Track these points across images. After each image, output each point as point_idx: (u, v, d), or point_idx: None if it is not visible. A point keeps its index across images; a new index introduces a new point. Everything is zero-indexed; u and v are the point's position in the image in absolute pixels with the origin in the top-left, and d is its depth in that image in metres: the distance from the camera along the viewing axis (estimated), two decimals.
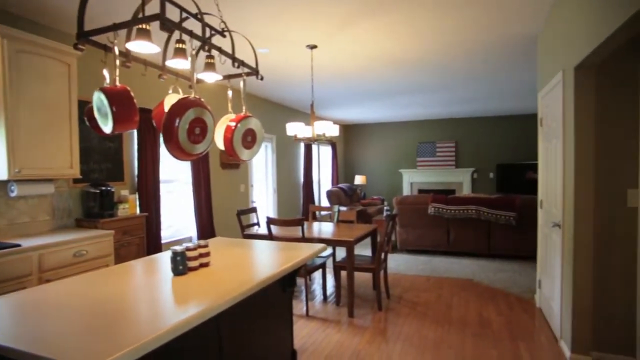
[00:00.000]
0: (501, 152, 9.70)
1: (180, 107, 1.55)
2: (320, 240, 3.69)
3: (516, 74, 5.35)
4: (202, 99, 1.72)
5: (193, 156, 1.65)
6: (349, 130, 11.19)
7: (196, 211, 5.15)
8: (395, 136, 10.68)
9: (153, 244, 4.38)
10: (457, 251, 5.86)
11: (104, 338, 1.20)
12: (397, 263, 5.56)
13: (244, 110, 2.10)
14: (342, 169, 11.18)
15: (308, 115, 8.90)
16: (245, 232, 4.21)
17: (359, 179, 10.29)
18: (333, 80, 5.62)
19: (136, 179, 4.30)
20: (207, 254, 2.05)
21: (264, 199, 7.22)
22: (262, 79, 2.22)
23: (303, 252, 2.43)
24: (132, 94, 1.53)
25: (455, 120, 10.06)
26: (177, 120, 1.53)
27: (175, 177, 5.15)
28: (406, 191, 10.55)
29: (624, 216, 2.59)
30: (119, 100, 1.49)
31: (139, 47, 1.64)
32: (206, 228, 5.27)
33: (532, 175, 8.69)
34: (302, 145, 8.49)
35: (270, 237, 3.76)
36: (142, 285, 1.75)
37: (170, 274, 1.92)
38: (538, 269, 3.82)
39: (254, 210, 4.75)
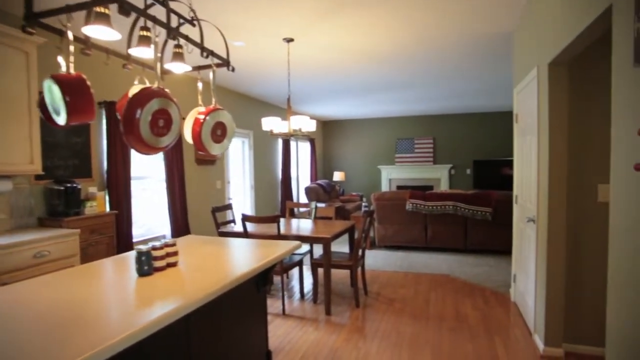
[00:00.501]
0: (478, 148, 9.84)
1: (141, 97, 1.45)
2: (297, 237, 3.62)
3: (492, 71, 5.40)
4: (167, 90, 1.62)
5: (157, 150, 1.56)
6: (328, 126, 11.14)
7: (170, 209, 4.99)
8: (374, 132, 10.70)
9: (124, 243, 4.21)
10: (435, 247, 5.90)
11: (57, 346, 1.10)
12: (375, 259, 5.55)
13: (213, 103, 2.00)
14: (321, 166, 11.13)
15: (286, 111, 8.81)
16: (220, 229, 4.10)
17: (337, 176, 10.27)
18: (310, 75, 5.54)
19: (105, 175, 4.12)
20: (175, 253, 1.95)
21: (241, 196, 7.09)
22: (233, 70, 2.13)
23: (277, 250, 2.35)
24: (89, 82, 1.42)
25: (433, 117, 10.15)
26: (139, 111, 1.43)
27: (148, 173, 4.97)
28: (385, 187, 10.59)
29: (595, 211, 2.62)
30: (73, 89, 1.37)
31: (97, 32, 1.52)
32: (181, 226, 5.12)
33: (508, 172, 8.86)
34: (280, 141, 8.39)
35: (245, 234, 3.67)
36: (103, 288, 1.64)
37: (135, 274, 1.82)
38: (513, 263, 3.87)
39: (229, 207, 4.64)
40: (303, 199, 9.57)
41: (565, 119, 2.60)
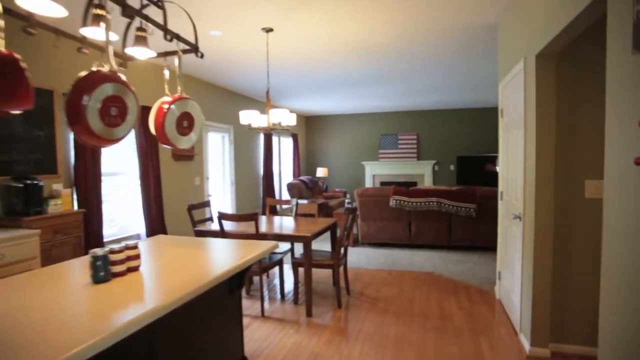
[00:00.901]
0: (461, 144, 9.84)
1: (89, 82, 1.27)
2: (276, 236, 3.47)
3: (476, 66, 5.32)
4: (122, 75, 1.44)
5: (109, 142, 1.38)
6: (311, 121, 10.97)
7: (144, 207, 4.77)
8: (358, 128, 10.58)
9: (94, 243, 3.98)
10: (419, 244, 5.83)
11: None
12: (359, 257, 5.44)
13: (179, 91, 1.82)
14: (304, 161, 10.96)
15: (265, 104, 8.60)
16: (197, 228, 3.91)
17: (320, 172, 10.13)
18: (291, 68, 5.37)
19: (73, 171, 3.88)
20: (137, 257, 1.78)
21: (222, 193, 6.88)
22: (202, 56, 1.96)
23: (252, 251, 2.20)
24: (23, 64, 1.22)
25: (417, 113, 10.09)
26: (86, 98, 1.25)
27: (122, 169, 4.73)
28: (368, 183, 10.50)
29: (582, 207, 2.55)
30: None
31: (37, 6, 1.33)
32: (156, 225, 4.90)
33: (491, 168, 8.87)
34: (261, 136, 8.19)
35: (222, 233, 3.49)
36: (48, 299, 1.45)
37: (91, 280, 1.64)
38: (498, 261, 3.80)
39: (206, 204, 4.44)
40: (286, 196, 9.40)
41: (553, 113, 2.51)
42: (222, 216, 3.44)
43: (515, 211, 3.01)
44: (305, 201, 7.70)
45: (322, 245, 5.93)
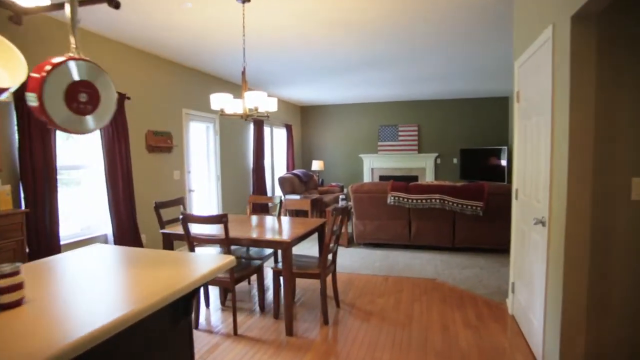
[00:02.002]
0: (465, 136, 9.28)
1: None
2: (250, 241, 2.94)
3: (484, 47, 4.75)
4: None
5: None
6: (306, 111, 10.40)
7: (111, 204, 4.24)
8: (355, 119, 10.02)
9: (45, 247, 3.47)
10: (419, 245, 5.30)
11: None
12: (352, 259, 4.92)
13: (73, 48, 1.27)
14: (299, 154, 10.42)
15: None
16: (163, 230, 3.38)
17: (316, 165, 9.58)
18: (274, 49, 4.80)
19: (18, 165, 3.34)
20: (19, 287, 1.25)
21: (206, 188, 6.35)
22: (117, 6, 1.41)
23: (199, 269, 1.67)
24: None
25: (418, 103, 9.52)
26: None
27: (83, 162, 4.20)
28: (367, 177, 9.96)
29: (627, 213, 2.01)
30: None
31: None
32: (126, 224, 4.38)
33: (496, 161, 8.32)
34: (251, 127, 7.63)
35: (187, 237, 2.97)
36: None
37: None
38: (511, 269, 3.26)
39: (179, 201, 3.92)
40: (278, 191, 8.88)
41: (592, 94, 1.96)
42: (186, 218, 2.91)
43: (537, 214, 2.48)
44: (297, 196, 7.18)
45: (311, 247, 5.41)
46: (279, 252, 4.53)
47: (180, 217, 2.92)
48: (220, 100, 3.19)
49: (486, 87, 7.66)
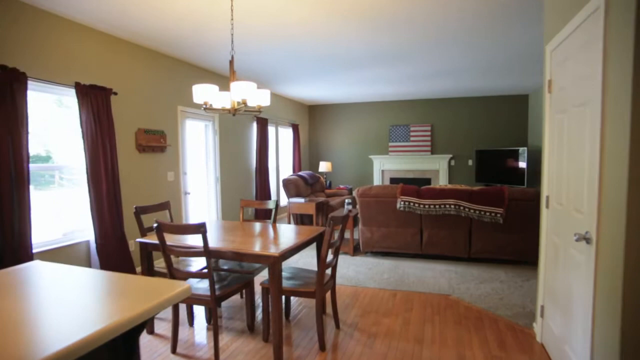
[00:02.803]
0: (481, 136, 8.76)
1: None
2: (234, 254, 2.54)
3: (508, 34, 4.26)
4: None
5: None
6: (314, 111, 10.00)
7: (93, 208, 3.88)
8: (365, 118, 9.58)
9: (11, 256, 3.12)
10: (431, 254, 4.84)
11: None
12: (358, 270, 4.48)
13: None
14: (307, 155, 10.01)
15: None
16: (140, 239, 3.00)
17: (323, 166, 9.17)
18: (274, 39, 4.40)
19: None
20: None
21: (204, 190, 5.99)
22: None
23: (150, 299, 1.27)
24: None
25: (431, 101, 9.03)
26: None
27: (62, 162, 3.86)
28: (377, 179, 9.50)
29: None
30: None
31: None
32: (110, 230, 4.02)
33: (515, 164, 7.78)
34: (254, 126, 7.26)
35: (162, 248, 2.58)
36: None
37: None
38: (540, 290, 2.79)
39: (163, 206, 3.54)
40: (283, 194, 8.49)
41: None
42: (161, 227, 2.52)
43: (578, 228, 2.01)
44: (301, 200, 6.77)
45: (314, 255, 4.98)
46: None
47: (154, 225, 2.53)
48: (204, 93, 2.79)
49: (504, 83, 7.15)
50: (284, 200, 8.53)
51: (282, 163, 8.70)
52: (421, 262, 4.74)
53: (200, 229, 2.40)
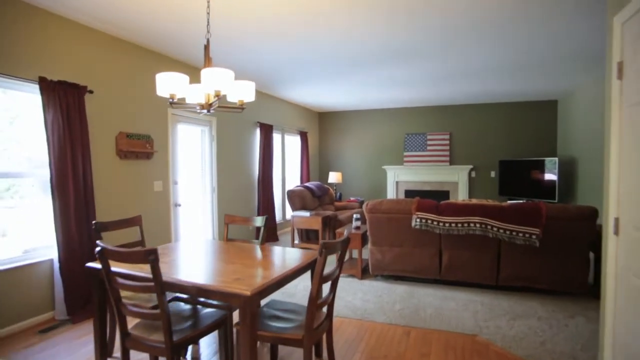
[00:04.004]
0: (505, 146, 8.04)
1: None
2: (197, 290, 1.95)
3: (551, 24, 3.62)
4: None
5: None
6: (325, 118, 9.44)
7: (57, 223, 3.35)
8: (379, 126, 8.97)
9: None
10: (452, 280, 4.15)
11: None
12: (365, 298, 3.83)
13: None
14: (316, 164, 9.43)
15: (259, 95, 7.15)
16: (90, 263, 2.44)
17: (333, 177, 8.57)
18: (269, 31, 3.85)
19: None
20: None
21: (199, 202, 5.45)
22: None
23: None
24: None
25: (449, 108, 8.37)
26: None
27: (22, 169, 3.36)
28: (391, 192, 8.84)
29: None
30: None
31: None
32: (77, 248, 3.47)
33: (543, 175, 7.03)
34: (257, 131, 6.72)
35: (106, 277, 2.01)
36: None
37: None
38: (606, 341, 2.10)
39: (132, 222, 2.99)
40: (288, 207, 7.90)
41: None
42: (104, 252, 1.95)
43: None
44: (306, 213, 6.16)
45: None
46: None
47: (97, 250, 1.96)
48: (170, 83, 2.24)
49: (532, 87, 6.45)
50: (290, 214, 7.94)
51: (288, 173, 8.13)
52: (440, 290, 4.06)
53: (149, 256, 1.82)
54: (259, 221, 3.01)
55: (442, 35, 3.86)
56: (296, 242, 6.50)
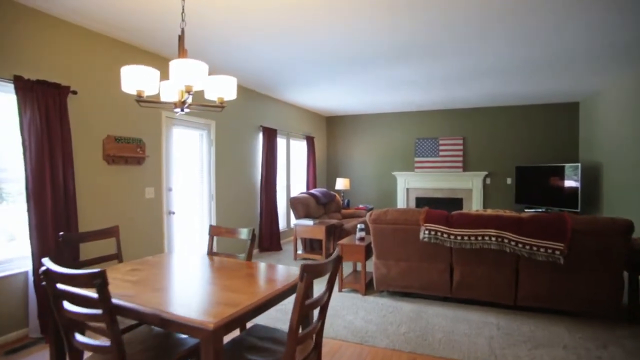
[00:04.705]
0: (522, 151, 7.60)
1: None
2: (159, 321, 1.64)
3: (581, 17, 3.25)
4: None
5: None
6: (332, 122, 9.14)
7: (33, 233, 3.10)
8: (388, 131, 8.62)
9: None
10: (465, 299, 3.77)
11: None
12: (368, 317, 3.48)
13: None
14: (324, 170, 9.12)
15: (255, 95, 6.88)
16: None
17: (340, 183, 8.24)
18: (280, 35, 3.57)
19: None
20: None
21: (197, 210, 5.18)
22: None
23: None
24: None
25: (463, 111, 7.98)
26: None
27: None
28: (401, 199, 8.46)
29: None
30: None
31: None
32: (55, 260, 3.22)
33: (563, 183, 6.57)
34: (260, 136, 6.45)
35: (53, 299, 1.72)
36: None
37: None
38: None
39: (107, 233, 2.72)
40: (292, 214, 7.58)
41: None
42: (49, 275, 1.66)
43: None
44: (309, 222, 5.84)
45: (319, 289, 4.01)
46: None
47: (41, 270, 1.68)
48: (136, 78, 1.95)
49: (553, 88, 6.03)
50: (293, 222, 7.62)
51: (294, 179, 7.83)
52: (451, 309, 3.67)
53: (93, 280, 1.52)
54: (244, 233, 2.70)
55: (454, 30, 3.51)
56: (300, 252, 6.18)
